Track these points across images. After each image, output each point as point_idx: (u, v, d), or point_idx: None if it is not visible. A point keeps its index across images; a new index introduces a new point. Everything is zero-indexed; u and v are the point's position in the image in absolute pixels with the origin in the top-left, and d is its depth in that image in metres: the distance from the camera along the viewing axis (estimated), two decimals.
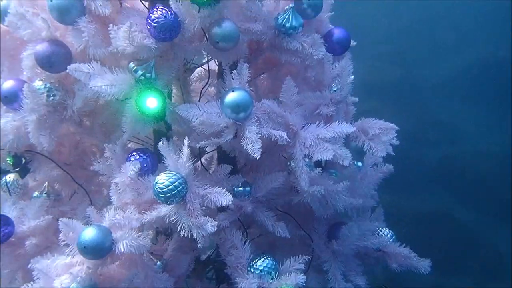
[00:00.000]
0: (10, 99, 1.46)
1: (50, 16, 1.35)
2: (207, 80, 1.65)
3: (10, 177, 1.74)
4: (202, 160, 1.80)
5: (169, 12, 1.31)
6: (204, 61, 1.83)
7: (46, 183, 1.79)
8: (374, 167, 2.08)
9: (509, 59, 3.65)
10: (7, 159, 1.63)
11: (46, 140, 1.45)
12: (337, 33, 1.79)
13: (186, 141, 1.34)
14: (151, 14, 1.31)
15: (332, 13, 1.88)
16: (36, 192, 1.76)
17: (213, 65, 1.89)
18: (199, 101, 1.68)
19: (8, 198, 1.70)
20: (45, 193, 1.76)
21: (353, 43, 1.87)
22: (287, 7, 1.54)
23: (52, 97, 1.46)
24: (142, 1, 1.48)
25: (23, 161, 1.68)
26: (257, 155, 1.35)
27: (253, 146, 1.36)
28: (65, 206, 1.79)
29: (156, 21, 1.30)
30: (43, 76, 1.46)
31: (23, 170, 1.69)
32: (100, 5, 1.32)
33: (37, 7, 1.41)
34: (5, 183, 1.72)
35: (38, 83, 1.46)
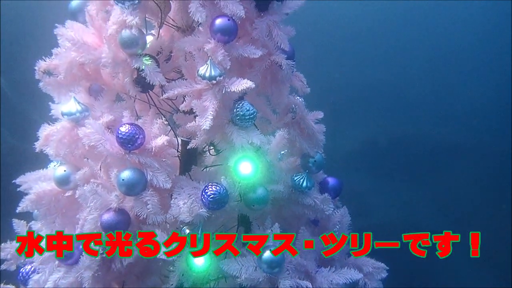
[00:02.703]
0: (68, 257, 1.61)
1: (118, 190, 1.57)
2: (237, 227, 1.90)
3: None
4: None
5: (222, 188, 1.59)
6: None
7: None
8: None
9: (418, 133, 4.24)
10: None
11: None
12: (331, 181, 2.14)
13: None
14: (206, 190, 1.58)
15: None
16: None
17: None
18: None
19: None
20: None
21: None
22: (302, 173, 1.88)
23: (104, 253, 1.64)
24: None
25: None
26: None
27: None
28: None
29: (212, 197, 1.57)
30: None
31: None
32: (162, 180, 1.57)
33: (100, 174, 1.63)
34: None
35: None
